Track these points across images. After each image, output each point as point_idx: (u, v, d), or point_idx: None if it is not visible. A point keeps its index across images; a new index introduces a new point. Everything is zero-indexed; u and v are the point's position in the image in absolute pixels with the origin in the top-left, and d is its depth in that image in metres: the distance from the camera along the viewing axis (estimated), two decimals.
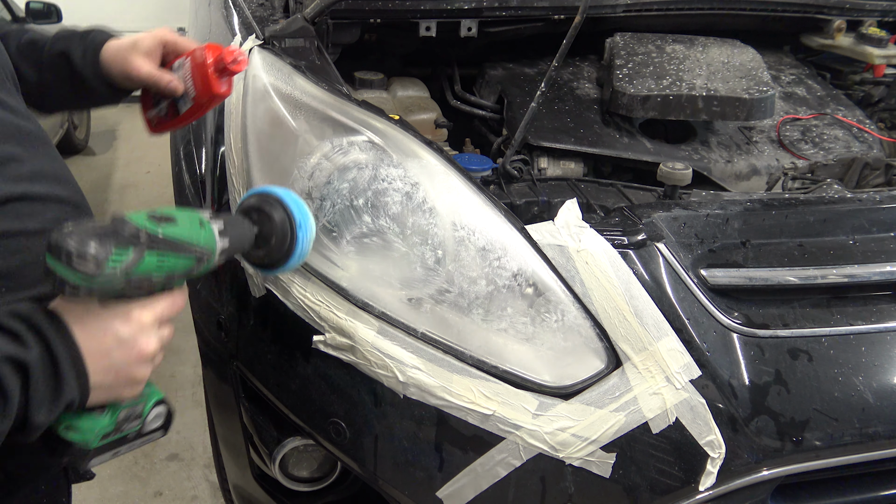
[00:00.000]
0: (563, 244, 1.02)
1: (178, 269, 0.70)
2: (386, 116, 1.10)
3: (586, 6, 1.30)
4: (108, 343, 0.67)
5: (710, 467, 1.00)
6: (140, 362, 0.70)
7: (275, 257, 0.86)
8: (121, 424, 0.74)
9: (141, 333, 0.69)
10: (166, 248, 0.68)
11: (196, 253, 0.72)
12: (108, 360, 0.67)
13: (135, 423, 0.77)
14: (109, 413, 0.73)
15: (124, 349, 0.68)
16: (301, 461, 1.23)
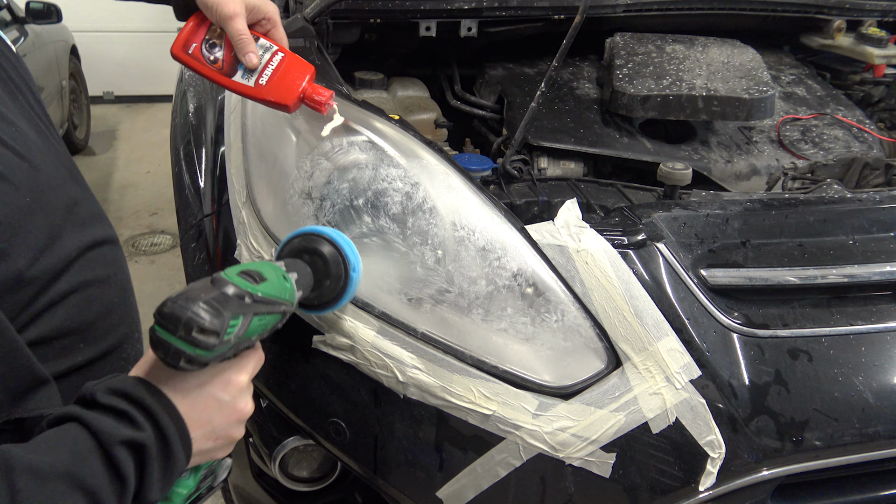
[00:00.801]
0: (563, 244, 1.02)
1: (268, 327, 0.70)
2: (386, 116, 1.10)
3: (586, 6, 1.31)
4: (209, 410, 0.66)
5: (710, 467, 1.00)
6: (239, 423, 0.69)
7: (326, 298, 0.86)
8: (200, 484, 0.73)
9: (239, 396, 0.69)
10: (265, 309, 0.68)
11: (284, 309, 0.72)
12: (210, 427, 0.66)
13: (209, 480, 0.75)
14: (192, 475, 0.72)
15: (224, 413, 0.67)
16: (301, 461, 1.23)
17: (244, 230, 1.15)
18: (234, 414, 0.68)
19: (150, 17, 5.89)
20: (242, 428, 0.71)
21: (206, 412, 0.65)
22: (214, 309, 0.61)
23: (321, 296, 0.86)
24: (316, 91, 0.96)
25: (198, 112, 1.53)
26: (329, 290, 0.86)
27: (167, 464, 0.61)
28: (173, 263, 3.16)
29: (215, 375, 0.67)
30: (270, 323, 0.70)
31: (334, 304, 0.88)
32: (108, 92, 6.13)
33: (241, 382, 0.69)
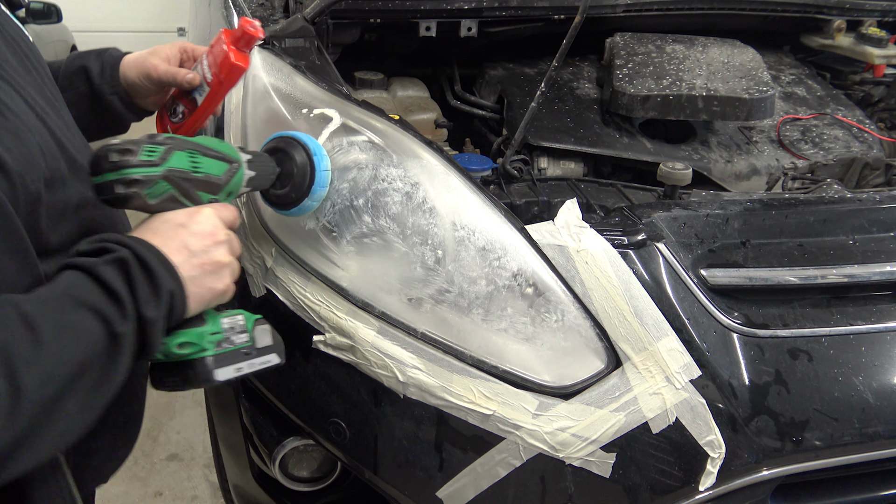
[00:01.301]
0: (563, 244, 1.02)
1: (213, 171, 0.78)
2: (386, 116, 1.10)
3: (586, 6, 1.30)
4: (181, 236, 0.72)
5: (710, 467, 1.00)
6: (215, 245, 0.74)
7: (294, 196, 0.93)
8: (229, 334, 0.76)
9: (206, 220, 0.74)
10: (193, 149, 0.76)
11: (223, 157, 0.79)
12: (188, 251, 0.71)
13: (243, 336, 0.78)
14: (211, 320, 0.76)
15: (196, 236, 0.72)
16: (301, 461, 1.23)
17: (244, 230, 1.15)
18: (208, 236, 0.73)
19: (150, 18, 5.89)
20: (225, 252, 0.75)
21: (178, 239, 0.71)
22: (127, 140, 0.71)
23: (289, 192, 0.93)
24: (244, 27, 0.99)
25: None
26: (296, 186, 0.92)
27: (151, 278, 0.66)
28: None
29: (178, 212, 0.74)
30: (213, 168, 0.78)
31: (302, 202, 0.93)
32: None
33: (205, 212, 0.75)
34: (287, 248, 1.08)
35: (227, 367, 0.76)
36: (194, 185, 0.76)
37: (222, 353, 0.75)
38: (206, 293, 0.73)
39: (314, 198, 0.95)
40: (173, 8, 5.74)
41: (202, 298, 0.73)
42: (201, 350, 0.73)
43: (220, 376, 0.74)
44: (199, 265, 0.72)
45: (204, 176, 0.77)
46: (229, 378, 0.76)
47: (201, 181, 0.77)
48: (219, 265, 0.74)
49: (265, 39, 1.29)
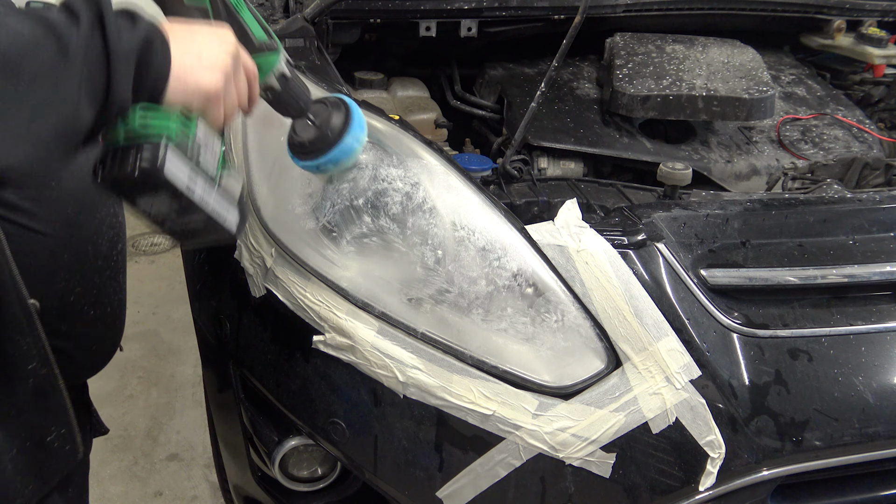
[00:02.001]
0: (563, 244, 1.02)
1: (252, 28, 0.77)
2: (386, 116, 1.10)
3: (586, 6, 1.31)
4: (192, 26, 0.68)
5: (710, 467, 1.00)
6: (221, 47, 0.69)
7: (317, 145, 0.89)
8: (199, 146, 0.69)
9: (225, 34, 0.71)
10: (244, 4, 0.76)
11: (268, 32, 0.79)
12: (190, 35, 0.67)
13: (213, 162, 0.71)
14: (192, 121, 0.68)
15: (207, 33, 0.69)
16: (301, 461, 1.23)
17: (244, 231, 1.15)
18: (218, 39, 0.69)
19: None
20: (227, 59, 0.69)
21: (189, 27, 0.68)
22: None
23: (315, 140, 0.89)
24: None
25: None
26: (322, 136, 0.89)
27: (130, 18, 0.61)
28: (173, 263, 3.16)
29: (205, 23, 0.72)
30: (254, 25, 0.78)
31: (308, 158, 0.90)
32: None
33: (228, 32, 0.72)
34: (287, 248, 1.08)
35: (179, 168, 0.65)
36: (231, 20, 0.74)
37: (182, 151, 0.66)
38: (192, 84, 0.66)
39: (355, 137, 0.90)
40: None
41: (186, 85, 0.66)
42: (165, 128, 0.65)
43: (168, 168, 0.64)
44: (196, 52, 0.66)
45: (242, 20, 0.75)
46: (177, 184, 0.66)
47: (238, 22, 0.75)
48: (215, 63, 0.68)
49: None
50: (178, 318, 2.68)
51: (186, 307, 1.44)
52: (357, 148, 0.91)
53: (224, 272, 1.23)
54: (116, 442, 2.14)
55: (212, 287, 1.28)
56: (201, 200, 0.69)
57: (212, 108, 0.69)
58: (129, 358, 2.48)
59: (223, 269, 1.23)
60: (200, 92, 0.67)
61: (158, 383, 2.40)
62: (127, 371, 2.43)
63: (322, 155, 0.89)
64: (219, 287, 1.25)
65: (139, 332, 2.61)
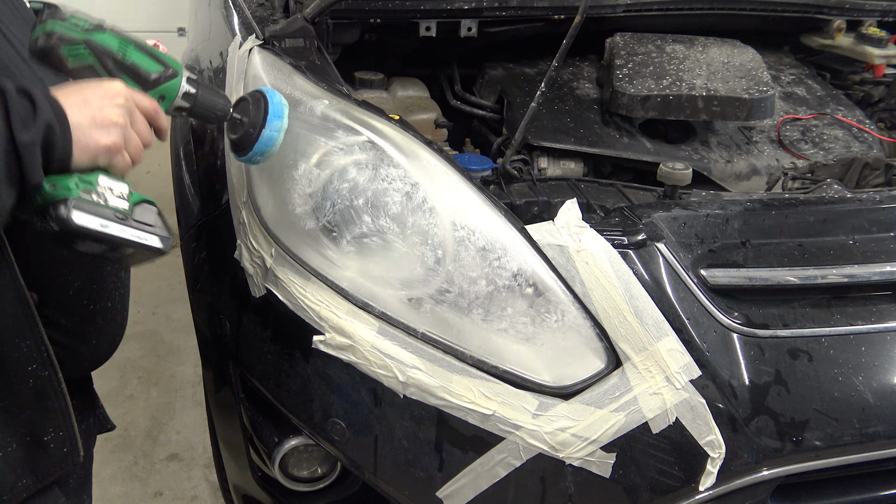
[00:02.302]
0: (563, 244, 1.02)
1: (142, 65, 0.83)
2: (386, 116, 1.10)
3: (586, 6, 1.30)
4: (82, 91, 0.76)
5: (710, 467, 1.00)
6: (112, 105, 0.76)
7: (245, 141, 0.96)
8: (104, 192, 0.77)
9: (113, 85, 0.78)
10: (130, 41, 0.82)
11: (161, 61, 0.84)
12: (83, 101, 0.74)
13: (121, 202, 0.79)
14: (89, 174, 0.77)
15: (97, 93, 0.76)
16: (301, 461, 1.23)
17: (244, 230, 1.15)
18: (107, 96, 0.76)
19: (150, 17, 5.89)
20: (119, 113, 0.77)
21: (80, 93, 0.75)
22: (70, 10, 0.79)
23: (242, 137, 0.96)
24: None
25: None
26: (247, 132, 0.95)
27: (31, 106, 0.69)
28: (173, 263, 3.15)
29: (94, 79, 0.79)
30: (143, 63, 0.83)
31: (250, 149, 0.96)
32: None
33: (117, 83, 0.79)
34: (287, 248, 1.08)
35: (88, 216, 0.75)
36: (119, 67, 0.80)
37: (86, 202, 0.75)
38: (92, 144, 0.74)
39: (272, 128, 0.95)
40: (173, 8, 5.73)
41: (87, 148, 0.74)
42: (66, 188, 0.74)
43: (76, 219, 0.74)
44: (90, 116, 0.74)
45: (131, 63, 0.81)
46: (91, 228, 0.75)
47: (128, 67, 0.81)
48: (108, 121, 0.75)
49: (265, 39, 1.29)
50: (178, 318, 2.68)
51: (186, 307, 1.44)
52: (276, 136, 0.97)
53: (224, 272, 1.23)
54: (116, 442, 2.14)
55: (212, 287, 1.28)
56: (119, 235, 0.78)
57: (115, 158, 0.78)
58: (129, 358, 2.48)
59: (223, 269, 1.23)
60: (101, 149, 0.76)
61: (158, 383, 2.40)
62: (127, 371, 2.43)
63: (249, 150, 0.96)
64: (219, 287, 1.25)
65: (139, 332, 2.61)
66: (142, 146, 0.81)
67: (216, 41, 1.59)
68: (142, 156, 0.82)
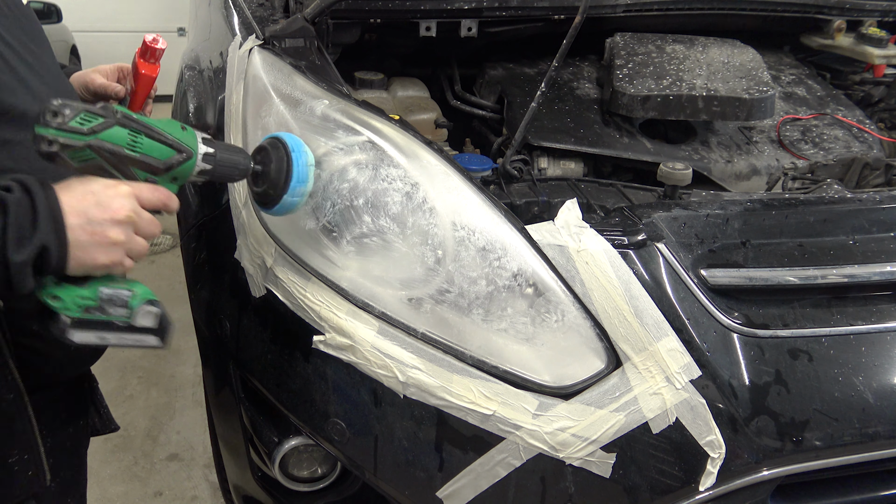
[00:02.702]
0: (563, 244, 1.02)
1: (154, 154, 0.80)
2: (386, 116, 1.10)
3: (586, 6, 1.30)
4: (86, 202, 0.75)
5: (710, 467, 1.00)
6: (114, 222, 0.76)
7: (273, 191, 0.93)
8: (104, 304, 0.78)
9: (117, 197, 0.77)
10: (140, 129, 0.78)
11: (174, 145, 0.81)
12: (85, 217, 0.74)
13: (121, 310, 0.80)
14: (90, 286, 0.78)
15: (100, 208, 0.75)
16: (301, 461, 1.23)
17: (244, 231, 1.15)
18: (110, 211, 0.76)
19: (149, 17, 5.89)
20: (120, 231, 0.77)
21: (84, 203, 0.75)
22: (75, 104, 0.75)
23: (268, 189, 0.94)
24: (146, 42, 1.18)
25: (198, 112, 1.53)
26: (273, 183, 0.93)
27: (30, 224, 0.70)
28: (173, 263, 3.16)
29: (101, 180, 0.77)
30: (155, 151, 0.80)
31: (280, 199, 0.94)
32: None
33: (121, 188, 0.78)
34: (287, 248, 1.08)
35: (87, 332, 0.78)
36: (128, 161, 0.78)
37: (86, 319, 0.78)
38: (88, 261, 0.76)
39: (294, 194, 0.94)
40: (173, 8, 5.74)
41: (83, 264, 0.75)
42: (65, 308, 0.76)
43: (76, 338, 0.77)
44: (91, 233, 0.75)
45: (140, 156, 0.79)
46: (90, 343, 0.78)
47: (136, 160, 0.79)
48: (109, 241, 0.76)
49: (265, 39, 1.29)
50: (178, 318, 2.66)
51: (186, 307, 1.44)
52: (299, 202, 0.96)
53: (224, 272, 1.23)
54: (116, 442, 2.14)
55: (212, 287, 1.28)
56: (117, 343, 0.80)
57: (114, 270, 0.79)
58: (129, 358, 2.48)
59: (223, 269, 1.23)
60: (98, 266, 0.77)
61: (158, 383, 2.40)
62: (127, 371, 2.43)
63: (281, 197, 0.94)
64: (219, 287, 1.25)
65: None
66: (146, 246, 0.82)
67: (216, 41, 1.59)
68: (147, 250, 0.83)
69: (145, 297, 0.82)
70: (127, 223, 0.77)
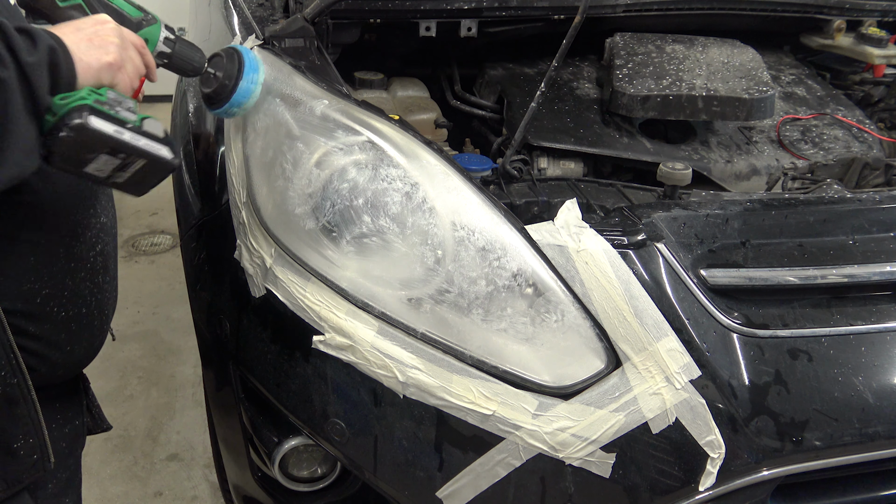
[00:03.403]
0: (563, 244, 1.02)
1: (125, 9, 0.90)
2: (386, 116, 1.10)
3: (586, 6, 1.30)
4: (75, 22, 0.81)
5: (709, 467, 1.00)
6: (105, 27, 0.81)
7: (220, 93, 1.00)
8: (112, 103, 0.79)
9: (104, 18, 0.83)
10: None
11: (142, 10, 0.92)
12: (76, 28, 0.80)
13: (131, 115, 0.80)
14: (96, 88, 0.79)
15: (89, 21, 0.82)
16: (301, 461, 1.23)
17: (244, 230, 1.15)
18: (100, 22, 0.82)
19: None
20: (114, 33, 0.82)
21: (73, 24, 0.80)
22: None
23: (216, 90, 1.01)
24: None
25: (198, 112, 1.53)
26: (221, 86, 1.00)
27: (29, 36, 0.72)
28: (173, 263, 3.16)
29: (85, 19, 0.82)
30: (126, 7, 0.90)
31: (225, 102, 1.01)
32: None
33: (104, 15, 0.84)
34: (287, 248, 1.08)
35: (104, 121, 0.77)
36: (104, 8, 0.86)
37: (100, 109, 0.77)
38: (94, 62, 0.78)
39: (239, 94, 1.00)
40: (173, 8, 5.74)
41: (90, 67, 0.78)
42: (80, 99, 0.76)
43: (94, 123, 0.76)
44: (87, 38, 0.79)
45: (117, 6, 0.88)
46: (107, 133, 0.77)
47: (113, 9, 0.87)
48: (105, 41, 0.80)
49: (265, 39, 1.28)
50: (178, 318, 2.68)
51: (186, 307, 1.44)
52: (254, 88, 1.01)
53: (224, 272, 1.23)
54: (116, 442, 2.14)
55: (212, 287, 1.28)
56: (132, 142, 0.79)
57: (118, 76, 0.82)
58: (129, 358, 2.48)
59: (223, 269, 1.23)
60: (103, 66, 0.80)
61: (158, 383, 2.40)
62: (127, 371, 2.43)
63: (226, 102, 1.00)
64: (219, 287, 1.25)
65: (139, 332, 2.61)
66: (138, 72, 0.85)
67: (216, 41, 1.59)
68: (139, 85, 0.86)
69: (147, 115, 0.84)
70: (116, 31, 0.82)
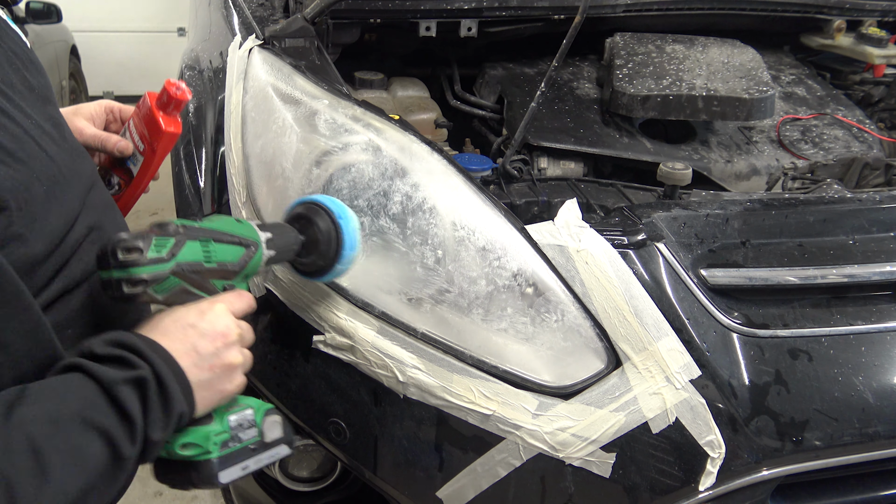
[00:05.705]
0: (563, 244, 1.02)
1: (227, 258, 0.75)
2: (386, 116, 1.10)
3: (586, 6, 1.30)
4: (190, 338, 0.69)
5: (710, 467, 1.00)
6: (226, 347, 0.71)
7: (323, 262, 0.89)
8: (236, 432, 0.73)
9: (217, 319, 0.71)
10: (207, 236, 0.73)
11: (240, 241, 0.76)
12: (197, 354, 0.69)
13: (251, 431, 0.75)
14: (217, 419, 0.73)
15: (207, 338, 0.70)
16: (301, 461, 1.23)
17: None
18: (218, 338, 0.70)
19: (149, 17, 5.89)
20: (236, 353, 0.72)
21: (188, 341, 0.68)
22: (136, 233, 0.68)
23: (318, 259, 0.89)
24: (167, 90, 0.95)
25: (198, 112, 1.53)
26: (323, 252, 0.89)
27: (165, 400, 0.64)
28: None
29: (189, 309, 0.71)
30: (227, 254, 0.75)
31: (333, 267, 0.90)
32: (107, 92, 6.13)
33: (217, 309, 0.72)
34: None
35: (232, 468, 0.72)
36: (207, 274, 0.73)
37: (227, 454, 0.72)
38: (216, 396, 0.71)
39: (344, 261, 0.90)
40: (173, 8, 5.74)
41: (210, 401, 0.71)
42: (205, 452, 0.70)
43: (224, 478, 0.71)
44: (209, 368, 0.69)
45: (217, 265, 0.74)
46: (234, 478, 0.73)
47: (215, 270, 0.74)
48: (230, 367, 0.71)
49: (265, 39, 1.29)
50: None
51: None
52: (356, 236, 0.91)
53: None
54: None
55: None
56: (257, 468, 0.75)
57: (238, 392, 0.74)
58: None
59: None
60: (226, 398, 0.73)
61: None
62: None
63: (332, 266, 0.90)
64: None
65: None
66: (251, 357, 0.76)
67: (216, 41, 1.59)
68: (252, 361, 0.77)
69: (262, 407, 0.78)
70: (237, 341, 0.73)
